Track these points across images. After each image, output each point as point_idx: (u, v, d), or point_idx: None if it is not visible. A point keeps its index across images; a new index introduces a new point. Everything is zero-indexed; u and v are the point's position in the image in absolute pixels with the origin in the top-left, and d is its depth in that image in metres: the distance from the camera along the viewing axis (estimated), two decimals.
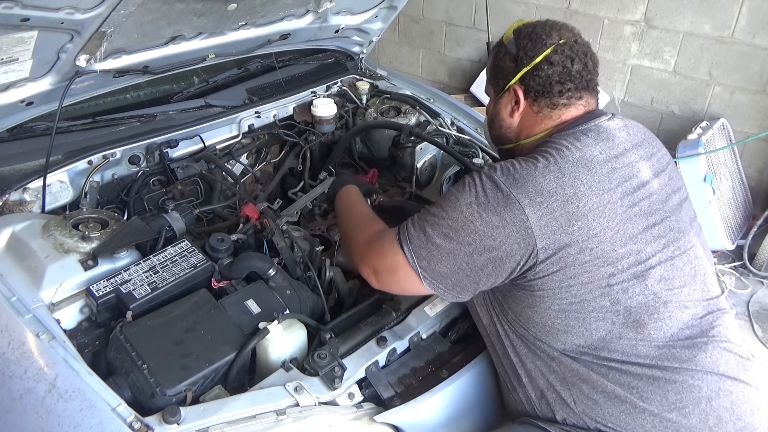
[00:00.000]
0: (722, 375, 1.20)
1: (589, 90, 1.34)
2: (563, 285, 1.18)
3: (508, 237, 1.16)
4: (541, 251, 1.16)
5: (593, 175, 1.21)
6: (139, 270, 1.41)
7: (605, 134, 1.28)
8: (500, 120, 1.41)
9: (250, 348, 1.26)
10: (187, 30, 1.83)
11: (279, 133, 2.23)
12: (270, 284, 1.43)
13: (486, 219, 1.17)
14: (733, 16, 3.14)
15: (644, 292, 1.21)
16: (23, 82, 1.63)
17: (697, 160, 2.98)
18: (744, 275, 3.13)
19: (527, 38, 1.32)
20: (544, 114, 1.33)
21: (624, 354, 1.20)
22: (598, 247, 1.17)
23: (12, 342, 1.23)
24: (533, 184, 1.17)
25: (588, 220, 1.17)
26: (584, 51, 1.32)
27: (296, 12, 2.09)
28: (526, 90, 1.33)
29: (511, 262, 1.18)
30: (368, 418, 1.22)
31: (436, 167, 2.20)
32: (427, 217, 1.24)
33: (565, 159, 1.21)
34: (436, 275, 1.23)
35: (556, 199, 1.16)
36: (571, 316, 1.20)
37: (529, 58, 1.31)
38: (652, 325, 1.21)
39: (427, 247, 1.22)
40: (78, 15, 1.43)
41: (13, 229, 1.46)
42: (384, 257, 1.29)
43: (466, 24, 4.23)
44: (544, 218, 1.15)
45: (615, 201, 1.21)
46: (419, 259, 1.23)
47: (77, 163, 1.78)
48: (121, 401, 1.13)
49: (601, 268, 1.18)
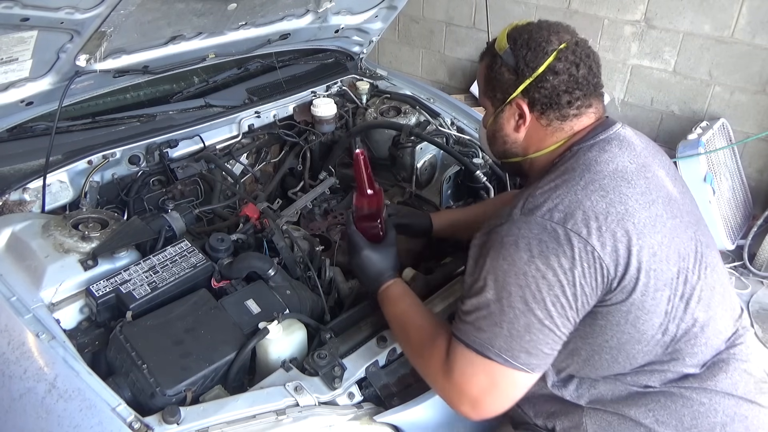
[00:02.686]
0: (739, 398, 1.18)
1: (597, 95, 1.24)
2: (629, 317, 1.08)
3: (584, 276, 1.04)
4: (615, 280, 1.06)
5: (634, 187, 1.12)
6: (139, 270, 1.41)
7: (626, 143, 1.20)
8: (504, 136, 1.29)
9: (249, 348, 1.26)
10: (186, 30, 1.83)
11: (279, 133, 2.23)
12: (270, 284, 1.43)
13: (554, 266, 1.04)
14: (733, 16, 3.14)
15: (687, 317, 1.13)
16: (23, 82, 1.63)
17: (697, 160, 2.98)
18: (744, 275, 3.12)
19: (525, 47, 1.20)
20: (554, 127, 1.22)
21: (651, 380, 1.17)
22: (658, 267, 1.08)
23: (12, 342, 1.23)
24: (582, 210, 1.06)
25: (646, 238, 1.08)
26: (587, 53, 1.22)
27: (296, 12, 2.09)
28: (530, 103, 1.21)
29: (593, 299, 1.07)
30: (368, 418, 1.21)
31: (436, 167, 2.20)
32: (487, 307, 1.07)
33: (600, 174, 1.12)
34: (542, 354, 1.07)
35: (612, 219, 1.06)
36: (623, 351, 1.12)
37: (531, 69, 1.19)
38: (688, 351, 1.15)
39: (512, 336, 1.05)
40: (78, 15, 1.43)
41: (12, 229, 1.46)
42: (472, 382, 1.09)
43: (466, 24, 4.23)
44: (609, 243, 1.05)
45: (661, 214, 1.12)
46: (515, 356, 1.05)
47: (77, 163, 1.78)
48: (121, 401, 1.12)
49: (659, 292, 1.09)
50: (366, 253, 1.40)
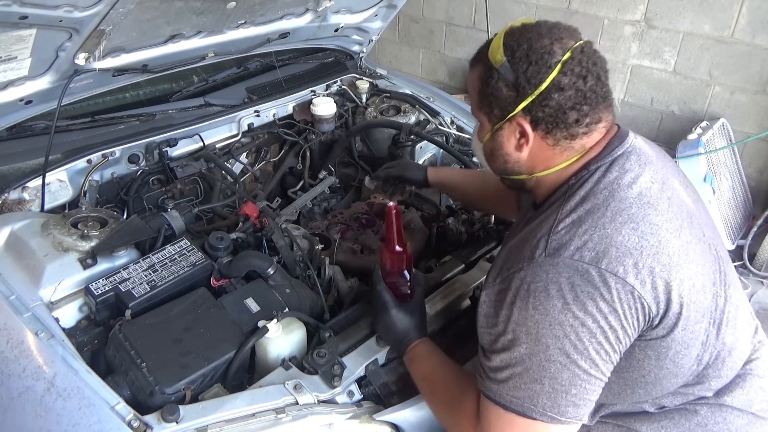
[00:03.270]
0: (752, 414, 1.16)
1: (607, 105, 1.09)
2: (669, 352, 1.02)
3: (625, 318, 0.97)
4: (656, 317, 0.99)
5: (660, 213, 1.03)
6: (138, 268, 1.41)
7: (644, 156, 1.09)
8: (504, 155, 1.15)
9: (249, 346, 1.26)
10: (186, 28, 1.82)
11: (279, 132, 2.23)
12: (269, 283, 1.43)
13: (593, 312, 0.95)
14: (733, 16, 3.14)
15: (719, 343, 1.07)
16: (22, 81, 1.63)
17: (697, 160, 2.98)
18: (744, 275, 3.12)
19: (525, 60, 1.05)
20: (562, 146, 1.09)
21: (672, 402, 1.13)
22: (697, 299, 1.01)
23: (11, 340, 1.22)
24: (615, 247, 0.97)
25: (683, 270, 1.00)
26: (593, 60, 1.07)
27: (296, 11, 2.09)
28: (533, 121, 1.07)
29: (635, 337, 1.01)
30: (368, 417, 1.21)
31: (436, 166, 2.19)
32: (522, 363, 0.98)
33: (626, 202, 1.02)
34: (590, 402, 1.00)
35: (647, 254, 0.98)
36: (659, 384, 1.07)
37: (533, 86, 1.04)
38: (714, 375, 1.10)
39: (556, 391, 0.97)
40: (77, 13, 1.43)
41: (12, 227, 1.45)
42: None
43: (466, 24, 4.23)
44: (648, 280, 0.97)
45: (690, 240, 1.04)
46: (563, 412, 0.98)
47: (76, 161, 1.78)
48: (120, 400, 1.12)
49: (699, 324, 1.02)
50: (393, 312, 1.30)
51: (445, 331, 1.50)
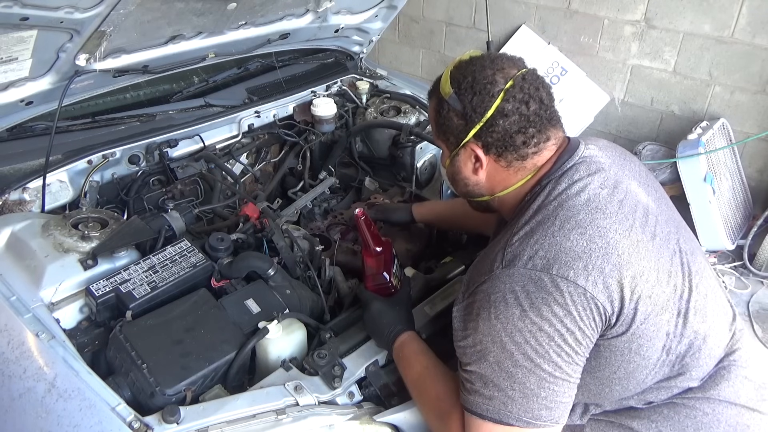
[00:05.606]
0: (741, 407, 1.18)
1: (553, 124, 1.18)
2: (632, 346, 1.06)
3: (581, 319, 1.01)
4: (613, 316, 1.03)
5: (609, 215, 1.08)
6: (139, 269, 1.41)
7: (594, 164, 1.16)
8: (464, 178, 1.25)
9: (249, 347, 1.26)
10: (186, 29, 1.83)
11: (279, 133, 2.23)
12: (270, 284, 1.43)
13: (548, 317, 1.00)
14: (733, 16, 3.14)
15: (688, 332, 1.11)
16: (23, 82, 1.63)
17: (697, 160, 2.98)
18: (744, 275, 3.12)
19: (470, 91, 1.14)
20: (515, 167, 1.18)
21: (657, 396, 1.16)
22: (653, 292, 1.06)
23: (11, 341, 1.22)
24: (564, 252, 1.03)
25: (634, 266, 1.05)
26: (536, 86, 1.15)
27: (296, 11, 2.09)
28: (484, 146, 1.16)
29: (595, 337, 1.05)
30: (368, 418, 1.21)
31: (436, 167, 2.19)
32: (492, 372, 1.03)
33: (574, 209, 1.08)
34: (562, 404, 1.03)
35: (596, 255, 1.03)
36: (632, 378, 1.11)
37: (479, 115, 1.13)
38: (693, 365, 1.14)
39: (527, 396, 1.01)
40: (77, 14, 1.43)
41: (12, 228, 1.46)
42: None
43: (466, 24, 4.23)
44: (599, 280, 1.02)
45: (641, 237, 1.09)
46: (536, 416, 1.01)
47: (77, 162, 1.79)
48: (121, 401, 1.12)
49: (659, 316, 1.07)
50: (376, 305, 1.35)
51: (446, 331, 1.50)
